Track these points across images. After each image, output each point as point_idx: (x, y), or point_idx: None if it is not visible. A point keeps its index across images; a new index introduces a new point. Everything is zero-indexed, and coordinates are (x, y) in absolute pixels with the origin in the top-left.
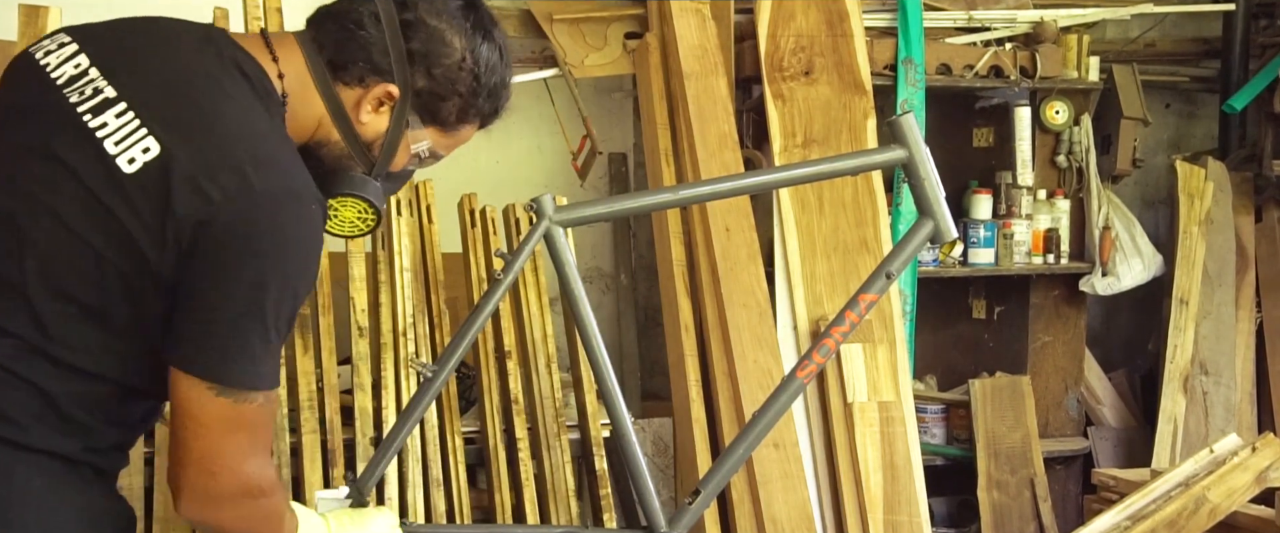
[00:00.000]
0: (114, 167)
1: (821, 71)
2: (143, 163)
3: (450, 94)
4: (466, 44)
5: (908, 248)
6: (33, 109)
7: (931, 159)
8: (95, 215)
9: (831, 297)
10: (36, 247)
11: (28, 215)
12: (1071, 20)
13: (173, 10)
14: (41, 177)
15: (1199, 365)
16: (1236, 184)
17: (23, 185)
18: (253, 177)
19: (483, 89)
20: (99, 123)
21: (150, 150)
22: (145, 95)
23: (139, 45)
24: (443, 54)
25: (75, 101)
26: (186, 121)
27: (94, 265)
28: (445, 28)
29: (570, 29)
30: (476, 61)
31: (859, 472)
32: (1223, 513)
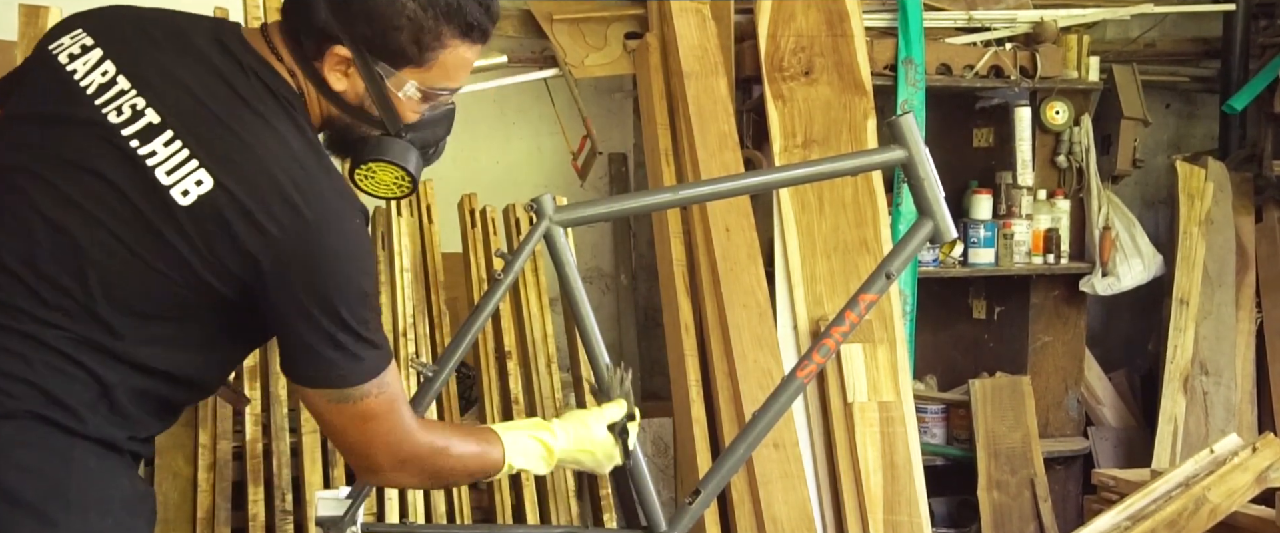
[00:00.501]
0: (169, 198)
1: (822, 72)
2: (197, 196)
3: (393, 28)
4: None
5: (908, 248)
6: (65, 119)
7: (931, 159)
8: (154, 241)
9: (831, 297)
10: (98, 265)
11: (83, 231)
12: (1071, 20)
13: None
14: (93, 194)
15: (1199, 366)
16: (1236, 184)
17: (75, 199)
18: (303, 207)
19: (430, 8)
20: (148, 151)
21: (203, 184)
22: (189, 123)
23: (162, 54)
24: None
25: (115, 122)
26: (233, 154)
27: (159, 285)
28: None
29: (570, 29)
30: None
31: (859, 472)
32: (1223, 513)
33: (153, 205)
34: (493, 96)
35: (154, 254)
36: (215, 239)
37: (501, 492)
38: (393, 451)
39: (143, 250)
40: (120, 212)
